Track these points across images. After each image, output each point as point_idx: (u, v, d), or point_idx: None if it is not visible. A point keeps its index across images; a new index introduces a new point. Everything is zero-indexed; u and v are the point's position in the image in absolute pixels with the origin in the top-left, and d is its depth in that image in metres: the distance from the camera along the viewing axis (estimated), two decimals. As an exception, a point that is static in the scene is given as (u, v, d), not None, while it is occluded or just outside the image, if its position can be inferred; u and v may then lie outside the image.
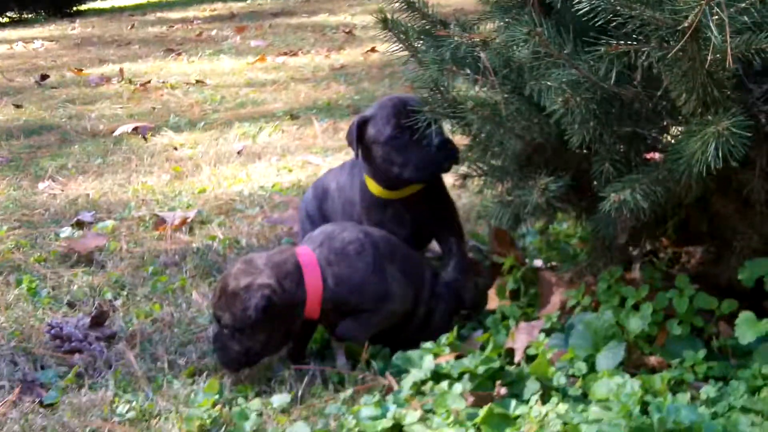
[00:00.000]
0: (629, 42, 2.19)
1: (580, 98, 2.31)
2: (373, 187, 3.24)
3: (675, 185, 2.35)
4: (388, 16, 2.82)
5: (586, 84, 2.31)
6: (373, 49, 9.37)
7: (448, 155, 3.08)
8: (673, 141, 2.43)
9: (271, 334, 2.76)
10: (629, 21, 2.15)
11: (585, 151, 2.58)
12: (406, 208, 3.23)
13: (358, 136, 3.15)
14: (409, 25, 2.91)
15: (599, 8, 2.15)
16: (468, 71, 2.58)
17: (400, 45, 2.85)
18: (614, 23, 2.17)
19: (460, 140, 3.09)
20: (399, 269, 2.89)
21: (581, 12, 2.17)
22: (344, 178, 3.51)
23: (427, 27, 2.92)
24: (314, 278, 2.78)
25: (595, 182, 2.55)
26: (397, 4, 2.92)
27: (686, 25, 2.05)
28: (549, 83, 2.36)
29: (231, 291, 2.73)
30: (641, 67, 2.29)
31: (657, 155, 2.58)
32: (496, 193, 2.80)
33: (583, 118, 2.34)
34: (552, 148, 2.61)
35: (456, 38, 2.71)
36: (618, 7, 2.14)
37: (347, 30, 11.06)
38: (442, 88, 2.76)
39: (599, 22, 2.17)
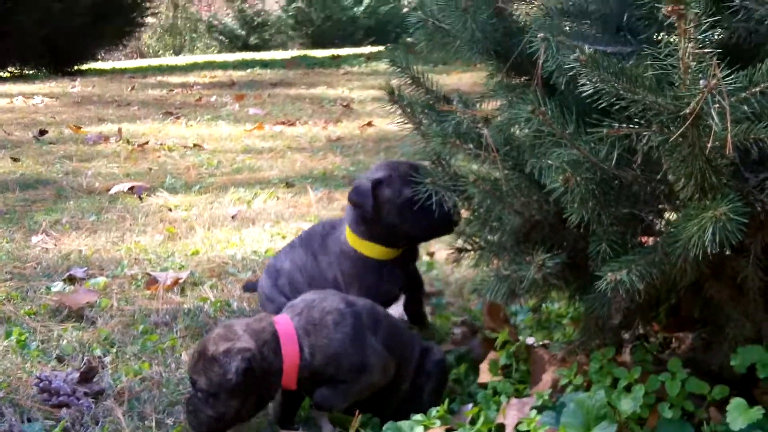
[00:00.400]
0: (630, 125, 2.23)
1: (581, 178, 2.34)
2: (369, 250, 3.34)
3: (671, 268, 2.38)
4: (395, 89, 2.85)
5: (586, 164, 2.35)
6: (369, 123, 9.48)
7: (454, 219, 3.21)
8: (670, 225, 2.46)
9: (245, 401, 2.74)
10: (632, 105, 2.20)
11: (582, 230, 2.61)
12: (399, 266, 3.43)
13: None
14: (414, 99, 2.95)
15: (603, 91, 2.20)
16: (470, 146, 2.61)
17: (405, 118, 2.88)
18: (617, 106, 2.21)
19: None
20: (382, 341, 2.88)
21: (585, 94, 2.22)
22: (300, 256, 3.60)
23: (430, 102, 2.97)
24: (291, 347, 2.77)
25: (590, 262, 2.57)
26: (402, 80, 2.96)
27: (688, 111, 2.09)
28: (550, 162, 2.40)
29: (210, 355, 2.72)
30: (641, 151, 2.33)
31: (650, 239, 2.61)
32: (492, 268, 2.82)
33: (582, 197, 2.36)
34: (549, 226, 2.64)
35: (459, 114, 2.76)
36: (621, 91, 2.18)
37: (345, 103, 11.19)
38: (444, 162, 2.81)
39: (602, 105, 2.21)
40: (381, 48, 20.09)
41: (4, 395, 3.15)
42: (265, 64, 17.45)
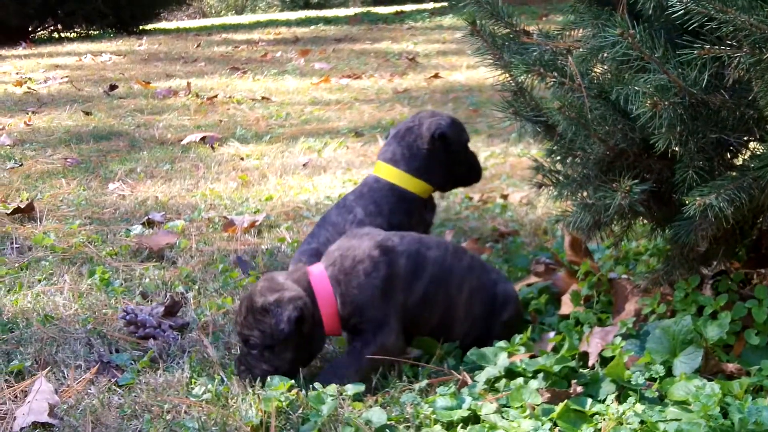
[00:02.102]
0: (722, 47, 2.20)
1: (668, 103, 2.33)
2: (417, 187, 3.53)
3: (759, 193, 2.36)
4: (477, 21, 2.84)
5: (674, 89, 2.33)
6: (436, 75, 9.46)
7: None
8: (759, 149, 2.44)
9: (297, 352, 2.75)
10: (723, 26, 2.17)
11: (667, 159, 2.60)
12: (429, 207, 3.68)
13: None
14: (495, 32, 2.94)
15: (693, 12, 2.17)
16: (554, 74, 2.60)
17: (486, 49, 2.86)
18: (707, 27, 2.19)
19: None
20: (424, 288, 2.85)
21: (675, 16, 2.20)
22: (335, 217, 3.61)
23: (511, 36, 2.95)
24: (326, 297, 2.77)
25: (676, 190, 2.56)
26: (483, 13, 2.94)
27: (782, 31, 2.06)
28: (637, 88, 2.38)
29: (260, 307, 2.71)
30: (731, 74, 2.30)
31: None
32: (575, 199, 2.81)
33: (670, 122, 2.35)
34: (634, 154, 2.63)
35: (541, 45, 2.75)
36: (712, 11, 2.16)
37: (410, 57, 11.16)
38: (526, 92, 2.81)
39: (692, 26, 2.19)
40: (445, 3, 19.92)
41: (92, 328, 3.23)
42: (328, 21, 17.45)
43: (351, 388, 2.59)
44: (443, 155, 3.53)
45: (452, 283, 2.91)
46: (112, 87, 9.25)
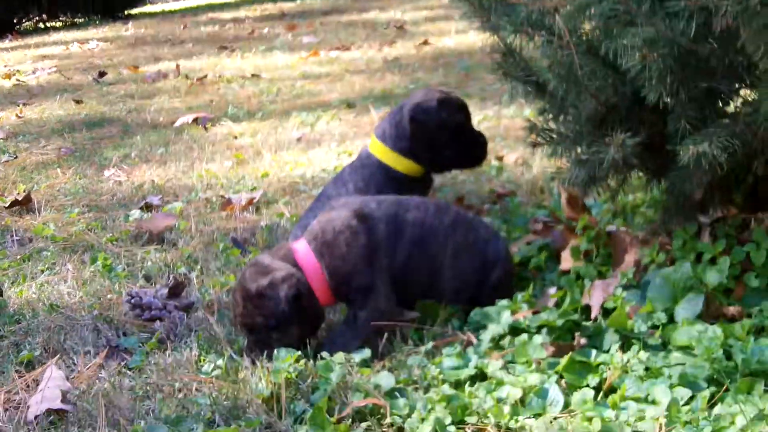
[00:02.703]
0: (708, -4, 2.21)
1: (658, 54, 2.34)
2: (405, 167, 3.50)
3: (752, 138, 2.38)
4: (462, -18, 2.85)
5: (663, 41, 2.35)
6: (425, 42, 9.44)
7: (485, 150, 3.59)
8: (750, 95, 2.45)
9: (302, 327, 2.78)
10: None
11: (659, 111, 2.61)
12: (419, 187, 3.59)
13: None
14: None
15: (678, -38, 2.19)
16: (542, 33, 2.61)
17: (474, 11, 2.87)
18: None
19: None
20: (407, 249, 2.87)
21: (659, -34, 2.21)
22: (332, 190, 3.64)
23: (497, -4, 2.96)
24: (314, 271, 2.80)
25: (669, 141, 2.58)
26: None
27: (766, -24, 2.07)
28: (625, 42, 2.40)
29: (255, 293, 2.74)
30: (719, 23, 2.31)
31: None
32: (570, 155, 2.82)
33: (660, 74, 2.37)
34: (626, 108, 2.65)
35: (528, 5, 2.76)
36: (697, -40, 2.17)
37: (398, 25, 11.14)
38: (515, 53, 2.82)
39: (677, -24, 2.20)
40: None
41: (98, 314, 3.25)
42: (313, -6, 17.38)
43: (358, 355, 2.62)
44: (424, 137, 3.48)
45: (435, 242, 2.92)
46: (101, 74, 9.23)
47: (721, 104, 2.58)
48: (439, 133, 3.48)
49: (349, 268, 2.80)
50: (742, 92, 2.54)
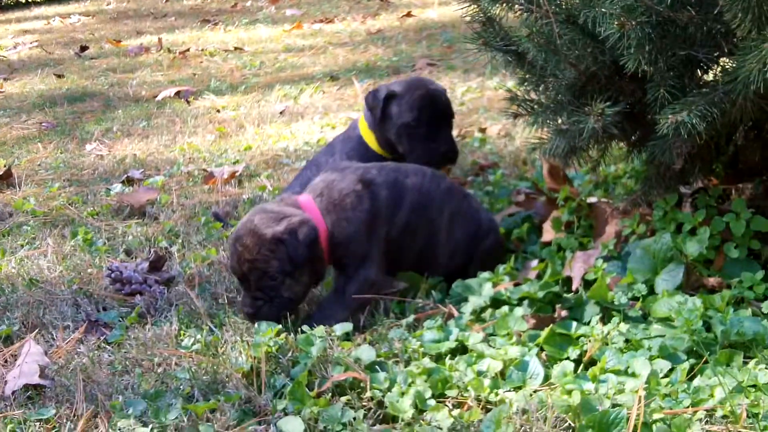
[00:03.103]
0: (686, -38, 2.20)
1: (636, 22, 2.32)
2: (374, 146, 3.58)
3: (731, 106, 2.36)
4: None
5: (641, 8, 2.33)
6: (408, 14, 9.39)
7: (447, 159, 3.49)
8: (728, 63, 2.43)
9: (310, 275, 2.79)
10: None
11: (639, 79, 2.60)
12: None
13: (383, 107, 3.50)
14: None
15: (656, -72, 2.16)
16: (522, 2, 2.59)
17: (453, -19, 2.84)
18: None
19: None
20: (406, 216, 2.89)
21: (637, -66, 2.19)
22: (321, 157, 3.70)
23: (477, -34, 2.93)
24: (319, 225, 2.80)
25: (649, 110, 2.56)
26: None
27: (744, -59, 2.06)
28: (604, 10, 2.38)
29: (272, 238, 2.72)
30: (696, -10, 2.30)
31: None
32: (551, 124, 2.80)
33: (639, 42, 2.35)
34: (606, 77, 2.63)
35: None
36: (675, -73, 2.15)
37: (381, -3, 11.07)
38: (495, 23, 2.79)
39: (655, -57, 2.18)
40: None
41: (78, 288, 3.23)
42: (296, -33, 17.24)
43: (339, 328, 2.61)
44: (388, 127, 3.52)
45: (432, 206, 2.96)
46: (83, 48, 9.16)
47: (699, 73, 2.56)
48: (399, 128, 3.50)
49: (351, 231, 2.81)
50: (720, 60, 2.52)
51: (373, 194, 2.86)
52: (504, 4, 2.65)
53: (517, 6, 2.62)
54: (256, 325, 2.64)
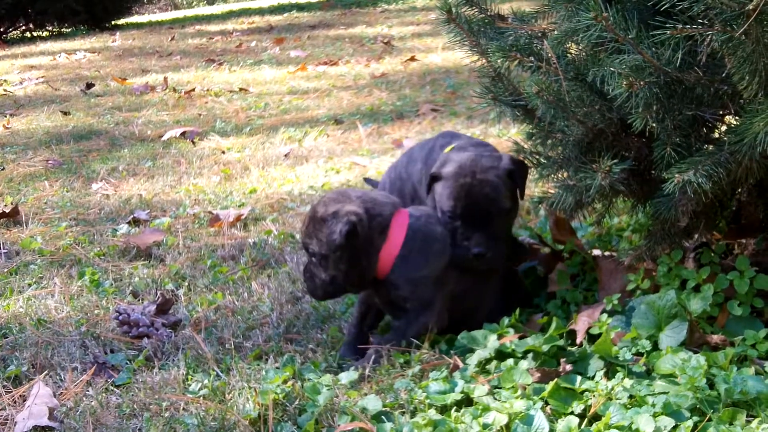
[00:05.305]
0: (694, 26, 2.25)
1: (644, 82, 2.37)
2: None
3: (737, 167, 2.41)
4: (452, 8, 2.87)
5: (649, 69, 2.38)
6: (412, 58, 9.48)
7: (479, 262, 2.95)
8: (734, 124, 2.48)
9: (351, 266, 2.82)
10: (694, 5, 2.22)
11: (645, 137, 2.65)
12: None
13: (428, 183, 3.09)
14: (470, 18, 2.97)
15: (665, -9, 2.22)
16: (531, 59, 2.64)
17: (463, 36, 2.90)
18: (679, 7, 2.23)
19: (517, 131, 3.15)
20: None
21: (647, -3, 2.24)
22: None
23: (486, 21, 2.99)
24: (396, 238, 2.84)
25: (655, 168, 2.61)
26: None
27: (751, 8, 2.11)
28: (612, 69, 2.42)
29: (319, 217, 2.82)
30: (704, 52, 2.35)
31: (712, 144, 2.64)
32: (557, 180, 2.85)
33: (646, 102, 2.39)
34: (613, 134, 2.67)
35: (516, 29, 2.79)
36: (683, -9, 2.20)
37: (385, 41, 11.17)
38: (504, 77, 2.84)
39: (664, 6, 2.23)
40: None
41: (86, 329, 3.25)
42: (301, 8, 17.41)
43: (345, 377, 2.63)
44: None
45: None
46: (89, 85, 9.23)
47: (706, 131, 2.60)
48: (441, 214, 3.03)
49: (422, 277, 2.85)
50: (726, 119, 2.57)
51: (447, 248, 2.92)
52: (513, 60, 2.70)
53: (526, 62, 2.68)
54: (263, 372, 2.67)
